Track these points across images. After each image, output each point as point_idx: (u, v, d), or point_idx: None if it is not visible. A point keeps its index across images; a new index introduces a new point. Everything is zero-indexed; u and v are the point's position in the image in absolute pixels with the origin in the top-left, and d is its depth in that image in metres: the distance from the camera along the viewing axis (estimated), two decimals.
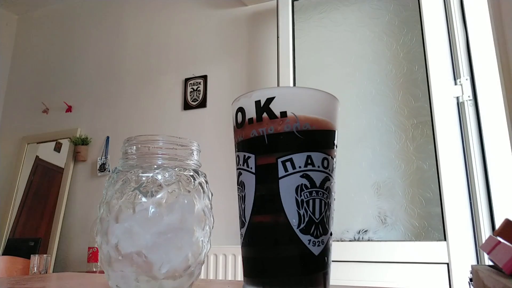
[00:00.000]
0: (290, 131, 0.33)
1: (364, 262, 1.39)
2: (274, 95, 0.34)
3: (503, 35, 1.28)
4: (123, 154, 0.38)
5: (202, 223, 0.38)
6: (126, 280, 0.34)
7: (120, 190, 0.35)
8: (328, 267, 0.34)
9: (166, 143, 0.38)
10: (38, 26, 2.88)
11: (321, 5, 1.75)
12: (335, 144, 0.36)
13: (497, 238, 0.27)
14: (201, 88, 2.06)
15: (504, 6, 1.25)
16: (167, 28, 2.27)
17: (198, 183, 0.38)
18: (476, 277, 0.29)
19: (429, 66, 1.42)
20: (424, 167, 1.43)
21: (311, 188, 0.33)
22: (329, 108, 0.35)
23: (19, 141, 2.60)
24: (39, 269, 1.29)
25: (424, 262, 1.31)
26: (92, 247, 1.82)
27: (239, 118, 0.36)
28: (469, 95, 1.34)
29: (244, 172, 0.35)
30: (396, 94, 1.54)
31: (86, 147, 2.33)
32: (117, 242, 0.34)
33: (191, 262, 0.36)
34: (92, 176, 2.29)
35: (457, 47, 1.38)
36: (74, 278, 0.57)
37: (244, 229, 0.35)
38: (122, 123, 2.28)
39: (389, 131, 1.52)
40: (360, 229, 1.48)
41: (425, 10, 1.48)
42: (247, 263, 0.35)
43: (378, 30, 1.62)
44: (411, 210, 1.42)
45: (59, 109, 2.52)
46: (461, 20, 1.40)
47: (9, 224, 2.37)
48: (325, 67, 1.70)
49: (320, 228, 0.33)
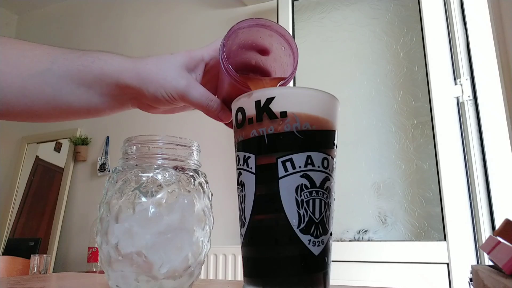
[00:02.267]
0: (290, 131, 0.33)
1: (364, 262, 1.39)
2: (274, 95, 0.34)
3: (503, 35, 1.28)
4: (123, 154, 0.38)
5: (202, 223, 0.38)
6: (126, 280, 0.34)
7: (120, 190, 0.35)
8: (328, 267, 0.34)
9: (166, 143, 0.38)
10: (38, 26, 2.88)
11: (321, 5, 1.75)
12: (335, 144, 0.36)
13: (497, 238, 0.27)
14: None
15: (504, 6, 1.25)
16: (167, 28, 2.27)
17: (198, 183, 0.38)
18: (476, 277, 0.29)
19: (429, 66, 1.42)
20: (424, 167, 1.43)
21: (311, 188, 0.33)
22: (329, 108, 0.35)
23: (19, 141, 2.60)
24: (39, 269, 1.29)
25: (424, 262, 1.31)
26: (92, 247, 1.83)
27: (239, 118, 0.36)
28: (469, 95, 1.34)
29: (244, 172, 0.35)
30: (396, 94, 1.54)
31: (86, 147, 2.33)
32: (117, 242, 0.34)
33: (191, 262, 0.36)
34: (92, 176, 2.29)
35: (457, 47, 1.38)
36: (74, 278, 0.57)
37: (244, 229, 0.35)
38: (122, 123, 2.28)
39: (389, 131, 1.52)
40: (360, 229, 1.48)
41: (425, 10, 1.48)
42: (247, 263, 0.35)
43: (378, 30, 1.62)
44: (411, 210, 1.42)
45: None
46: (461, 20, 1.40)
47: (9, 224, 2.36)
48: (325, 67, 1.70)
49: (320, 228, 0.33)
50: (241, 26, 0.40)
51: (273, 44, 0.42)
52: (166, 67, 0.41)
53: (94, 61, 0.40)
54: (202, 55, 0.42)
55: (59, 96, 0.40)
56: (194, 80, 0.42)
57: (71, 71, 0.40)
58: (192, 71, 0.42)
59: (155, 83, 0.40)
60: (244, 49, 0.43)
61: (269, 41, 0.42)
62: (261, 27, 0.40)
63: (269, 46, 0.42)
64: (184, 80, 0.41)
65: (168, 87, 0.40)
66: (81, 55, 0.41)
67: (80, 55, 0.41)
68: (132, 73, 0.40)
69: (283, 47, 0.42)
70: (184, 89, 0.41)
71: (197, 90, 0.41)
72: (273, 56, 0.43)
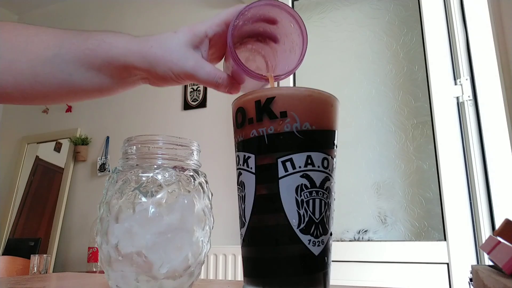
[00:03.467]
0: (290, 131, 0.33)
1: (364, 262, 1.39)
2: (274, 95, 0.34)
3: (503, 35, 1.28)
4: (123, 154, 0.38)
5: (202, 223, 0.38)
6: (126, 280, 0.34)
7: (120, 190, 0.35)
8: (328, 267, 0.34)
9: (166, 143, 0.38)
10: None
11: (321, 5, 1.75)
12: (335, 144, 0.36)
13: (497, 238, 0.27)
14: (201, 88, 2.06)
15: (504, 6, 1.25)
16: (167, 27, 2.26)
17: (198, 183, 0.38)
18: (476, 277, 0.29)
19: (429, 66, 1.42)
20: (424, 167, 1.43)
21: (311, 188, 0.33)
22: (329, 108, 0.35)
23: (19, 141, 2.60)
24: (39, 269, 1.29)
25: (424, 262, 1.31)
26: (92, 247, 1.82)
27: (239, 118, 0.36)
28: (469, 95, 1.34)
29: (244, 172, 0.35)
30: (396, 94, 1.54)
31: (86, 147, 2.33)
32: (117, 242, 0.34)
33: (191, 262, 0.36)
34: (92, 176, 2.29)
35: (457, 47, 1.38)
36: (74, 278, 0.57)
37: (244, 229, 0.35)
38: (122, 123, 2.28)
39: (389, 131, 1.52)
40: (360, 229, 1.48)
41: (425, 10, 1.47)
42: (247, 263, 0.35)
43: (378, 30, 1.62)
44: (411, 210, 1.42)
45: (59, 109, 2.52)
46: (461, 20, 1.40)
47: (9, 224, 2.36)
48: (325, 67, 1.70)
49: (320, 228, 0.33)
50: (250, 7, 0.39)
51: (282, 19, 0.42)
52: (171, 48, 0.40)
53: (100, 45, 0.40)
54: (205, 31, 0.42)
55: (71, 80, 0.41)
56: (200, 59, 0.41)
57: (78, 55, 0.40)
58: (197, 48, 0.42)
59: (162, 66, 0.40)
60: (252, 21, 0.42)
61: (278, 15, 0.42)
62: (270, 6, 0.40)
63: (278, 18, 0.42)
64: (191, 61, 0.40)
65: (175, 69, 0.40)
66: (86, 38, 0.41)
67: (85, 38, 0.41)
68: (139, 56, 0.40)
69: (292, 24, 0.41)
70: (191, 69, 0.40)
71: (204, 69, 0.41)
72: (282, 29, 0.43)
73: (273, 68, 0.45)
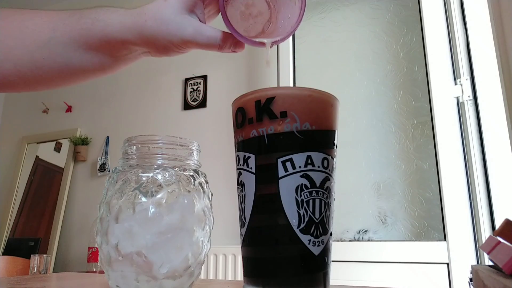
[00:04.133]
0: (290, 131, 0.33)
1: (364, 262, 1.39)
2: (274, 95, 0.34)
3: (503, 35, 1.28)
4: (123, 154, 0.38)
5: (202, 223, 0.38)
6: (126, 280, 0.34)
7: (120, 190, 0.35)
8: (328, 267, 0.34)
9: (166, 143, 0.38)
10: None
11: (321, 5, 1.75)
12: (335, 144, 0.36)
13: (497, 238, 0.27)
14: (201, 88, 2.06)
15: (504, 6, 1.25)
16: None
17: (198, 183, 0.38)
18: (476, 277, 0.29)
19: (429, 66, 1.42)
20: (424, 167, 1.43)
21: (311, 188, 0.33)
22: (329, 108, 0.35)
23: (19, 141, 2.60)
24: (39, 269, 1.29)
25: (424, 262, 1.31)
26: (92, 247, 1.82)
27: (239, 118, 0.36)
28: (469, 95, 1.34)
29: (244, 172, 0.35)
30: (396, 94, 1.54)
31: (86, 147, 2.33)
32: (117, 242, 0.34)
33: (191, 262, 0.36)
34: (92, 176, 2.29)
35: (457, 47, 1.38)
36: (74, 278, 0.57)
37: (244, 229, 0.35)
38: (122, 123, 2.28)
39: (389, 131, 1.52)
40: (360, 229, 1.48)
41: (425, 10, 1.47)
42: (247, 263, 0.35)
43: (378, 30, 1.62)
44: (411, 210, 1.42)
45: (59, 109, 2.52)
46: (461, 20, 1.40)
47: (9, 224, 2.36)
48: (325, 67, 1.70)
49: (320, 228, 0.33)
50: None
51: None
52: (166, 18, 0.39)
53: (94, 23, 0.39)
54: None
55: (70, 63, 0.41)
56: (198, 24, 0.39)
57: (74, 36, 0.39)
58: (193, 12, 0.40)
59: (161, 39, 0.39)
60: None
61: None
62: None
63: None
64: (189, 28, 0.39)
65: (175, 40, 0.39)
66: (79, 18, 0.40)
67: (78, 18, 0.40)
68: (135, 32, 0.39)
69: None
70: (191, 37, 0.39)
71: (203, 34, 0.39)
72: None
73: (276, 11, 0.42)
